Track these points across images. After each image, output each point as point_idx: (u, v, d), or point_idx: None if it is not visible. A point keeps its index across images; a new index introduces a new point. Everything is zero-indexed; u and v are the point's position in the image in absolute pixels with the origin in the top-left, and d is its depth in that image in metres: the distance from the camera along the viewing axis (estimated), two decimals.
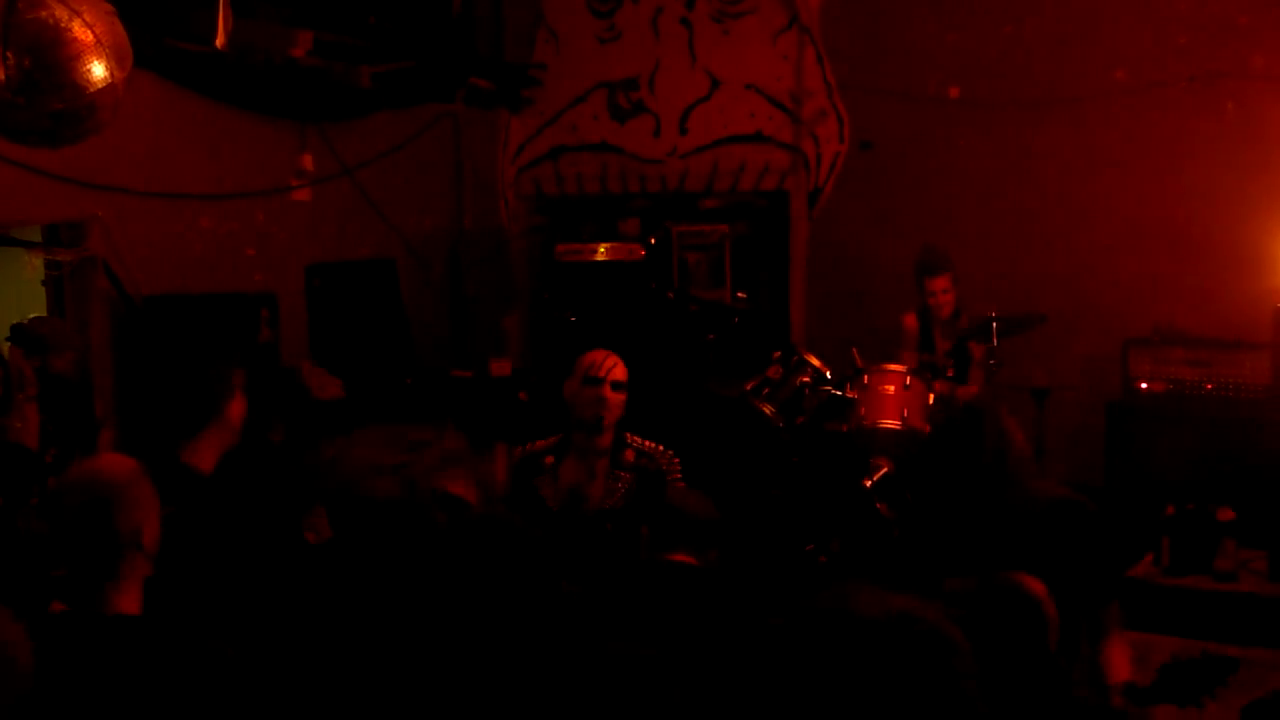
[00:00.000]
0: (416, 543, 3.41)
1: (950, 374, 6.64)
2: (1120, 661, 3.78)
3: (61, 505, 2.90)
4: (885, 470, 3.73)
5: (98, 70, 3.74)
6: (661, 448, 4.54)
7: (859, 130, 8.27)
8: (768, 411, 6.04)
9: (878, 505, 3.73)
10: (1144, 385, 6.98)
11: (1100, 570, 3.86)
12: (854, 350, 6.33)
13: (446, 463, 3.80)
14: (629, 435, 4.52)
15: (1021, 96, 7.63)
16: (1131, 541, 5.71)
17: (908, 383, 6.07)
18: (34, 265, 6.34)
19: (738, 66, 8.58)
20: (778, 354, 6.23)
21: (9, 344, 5.32)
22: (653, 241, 8.56)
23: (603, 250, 8.35)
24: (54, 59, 3.65)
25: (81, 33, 3.66)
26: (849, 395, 6.07)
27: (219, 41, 4.05)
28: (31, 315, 6.05)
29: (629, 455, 4.47)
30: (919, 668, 2.07)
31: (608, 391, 4.44)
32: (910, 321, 7.01)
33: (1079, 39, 7.49)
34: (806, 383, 6.03)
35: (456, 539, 3.18)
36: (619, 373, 4.52)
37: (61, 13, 3.65)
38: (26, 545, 4.68)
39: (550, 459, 4.52)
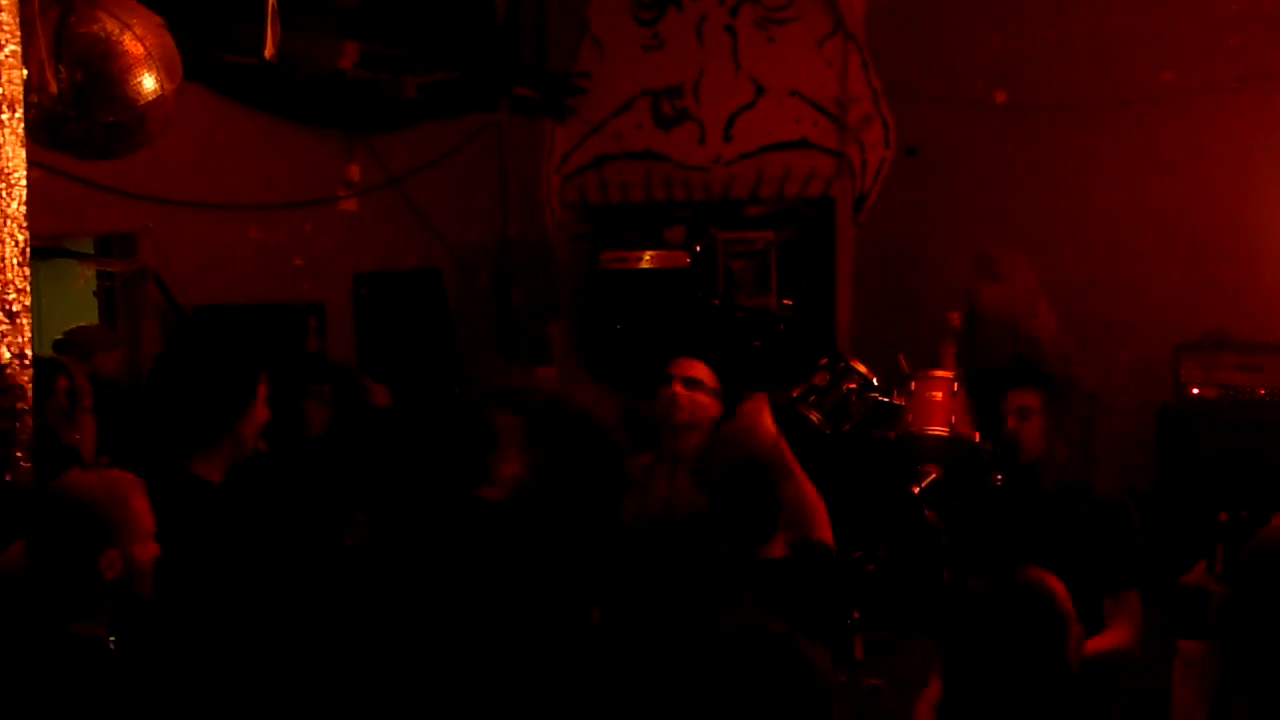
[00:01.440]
0: None
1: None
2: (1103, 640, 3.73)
3: (45, 519, 2.85)
4: (934, 477, 3.70)
5: (148, 83, 3.78)
6: None
7: (905, 136, 8.23)
8: (814, 419, 5.99)
9: (926, 512, 3.71)
10: (1195, 390, 6.90)
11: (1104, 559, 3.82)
12: (900, 356, 6.29)
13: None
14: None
15: (1068, 100, 7.57)
16: (1182, 548, 5.64)
17: (955, 389, 6.02)
18: (86, 276, 6.42)
19: (782, 73, 8.56)
20: (824, 361, 6.18)
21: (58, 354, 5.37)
22: (698, 249, 8.55)
23: (647, 258, 8.35)
24: (105, 72, 3.69)
25: (132, 45, 3.70)
26: (896, 402, 6.02)
27: (268, 53, 4.08)
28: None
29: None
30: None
31: (678, 388, 4.36)
32: (955, 319, 6.95)
33: (1127, 41, 7.43)
34: (853, 389, 5.98)
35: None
36: (694, 370, 4.43)
37: (113, 26, 3.69)
38: None
39: (645, 460, 4.41)
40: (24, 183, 3.41)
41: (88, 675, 2.71)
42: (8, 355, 3.39)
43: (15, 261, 3.40)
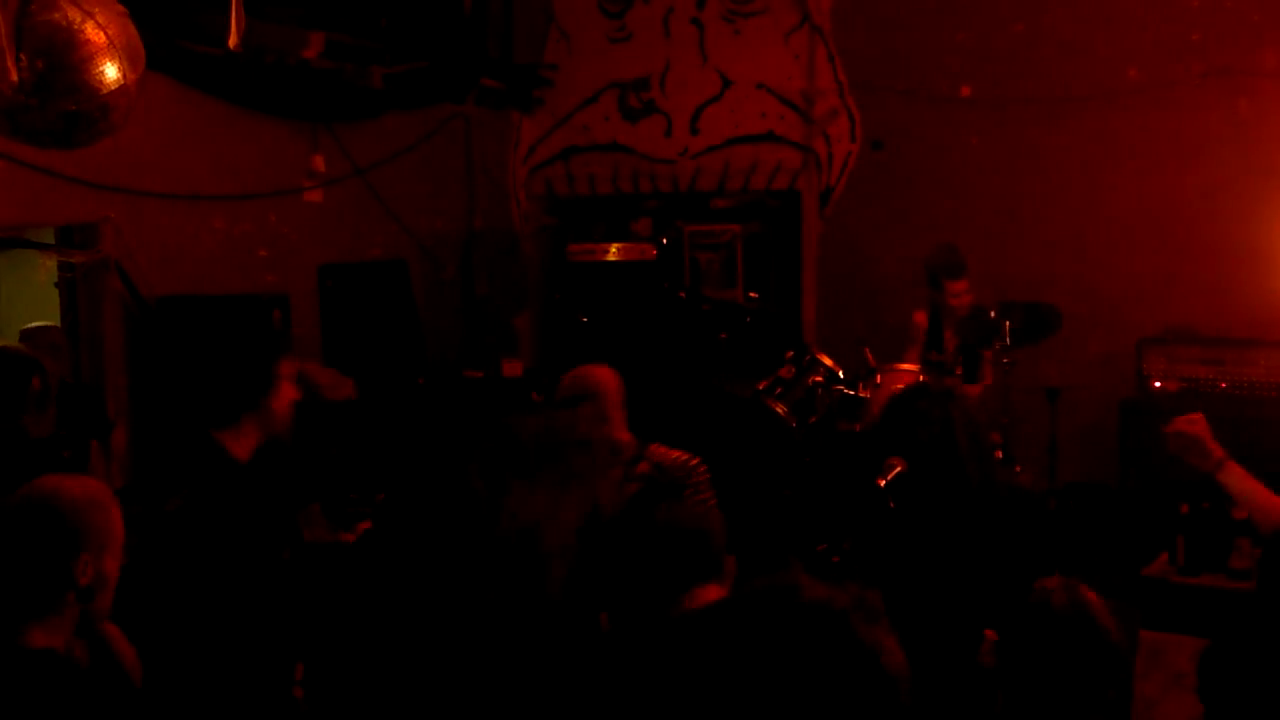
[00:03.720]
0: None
1: (959, 372, 6.63)
2: None
3: (22, 517, 2.76)
4: (899, 470, 3.71)
5: (111, 72, 3.74)
6: (686, 459, 4.40)
7: (871, 129, 8.26)
8: (780, 411, 6.02)
9: (891, 504, 3.73)
10: (1158, 384, 6.95)
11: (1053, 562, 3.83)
12: (866, 350, 6.32)
13: None
14: (653, 446, 4.42)
15: (1033, 95, 7.61)
16: (1145, 540, 5.69)
17: (920, 380, 6.06)
18: (47, 267, 6.36)
19: (749, 66, 8.57)
20: (790, 353, 6.21)
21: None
22: (664, 241, 8.56)
23: (614, 250, 8.34)
24: (67, 60, 3.65)
25: (94, 34, 3.66)
26: (862, 395, 6.06)
27: (232, 42, 4.04)
28: (39, 320, 6.10)
29: (643, 467, 4.35)
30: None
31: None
32: (921, 319, 7.01)
33: (1091, 37, 7.47)
34: (819, 382, 6.01)
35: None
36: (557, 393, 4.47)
37: (74, 14, 3.65)
38: None
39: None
40: None
41: (44, 691, 2.65)
42: None
43: None
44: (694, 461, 4.42)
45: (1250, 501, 3.37)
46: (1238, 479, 3.43)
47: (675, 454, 4.42)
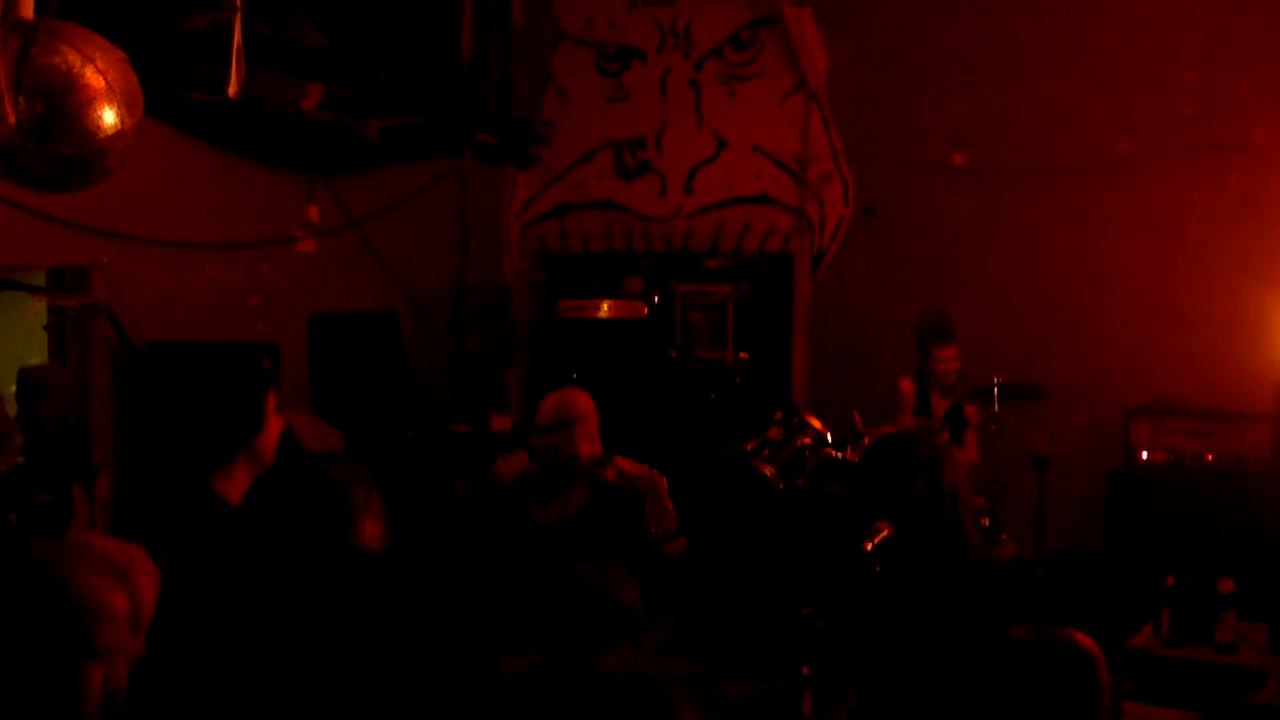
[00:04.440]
0: None
1: (945, 438, 6.62)
2: None
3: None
4: (885, 533, 3.69)
5: (108, 117, 3.75)
6: (649, 471, 4.75)
7: (864, 194, 8.30)
8: (768, 473, 6.01)
9: (877, 568, 3.71)
10: (1145, 455, 6.95)
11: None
12: (855, 413, 6.32)
13: None
14: (617, 458, 4.66)
15: (1026, 164, 7.66)
16: (1131, 611, 5.67)
17: None
18: (37, 310, 6.36)
19: (744, 128, 8.63)
20: (779, 415, 6.21)
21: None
22: (656, 300, 8.58)
23: (606, 308, 8.36)
24: (65, 104, 3.66)
25: (94, 79, 3.67)
26: (849, 458, 6.05)
27: (231, 91, 4.06)
28: (34, 360, 6.08)
29: (609, 473, 4.67)
30: None
31: (534, 439, 4.77)
32: (907, 385, 7.01)
33: (1084, 108, 7.54)
34: (807, 444, 6.01)
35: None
36: (538, 418, 4.77)
37: (74, 58, 3.66)
38: None
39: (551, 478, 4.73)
40: None
41: None
42: None
43: None
44: (655, 474, 4.67)
45: None
46: None
47: (639, 467, 4.78)
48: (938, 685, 3.42)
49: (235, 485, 3.59)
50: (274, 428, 3.71)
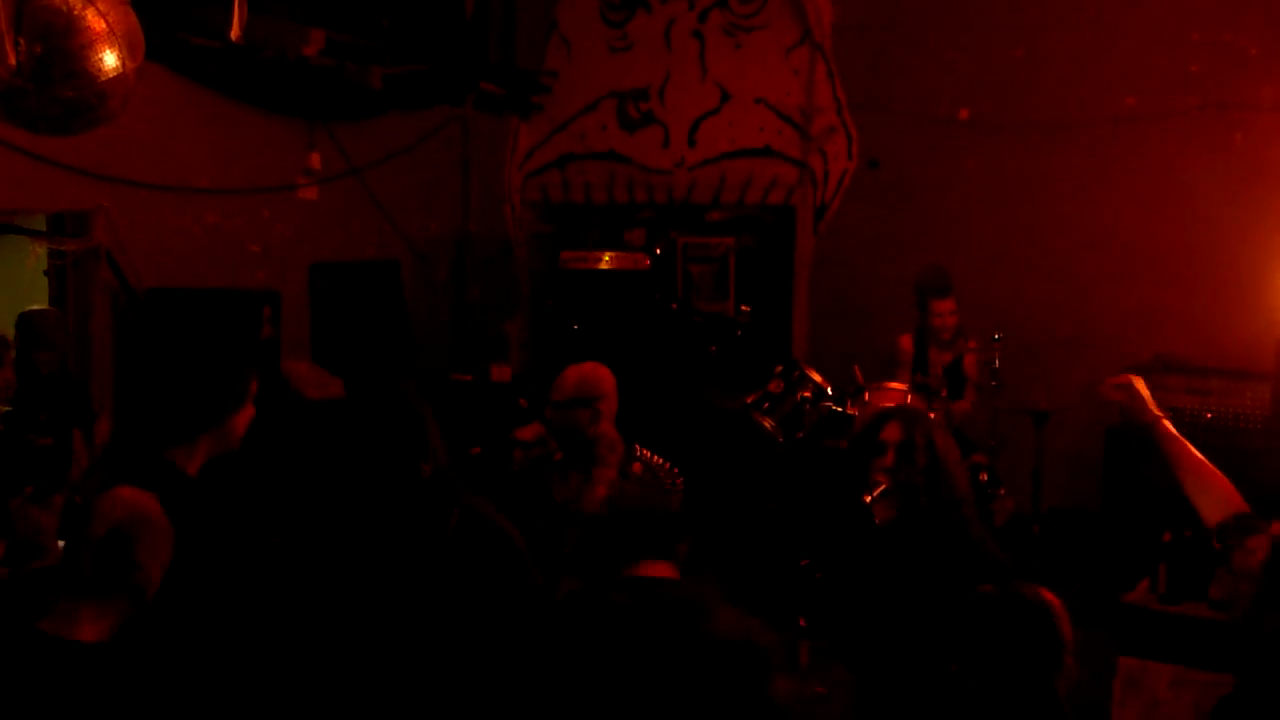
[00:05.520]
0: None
1: (944, 394, 6.63)
2: None
3: (88, 529, 2.86)
4: (885, 486, 3.70)
5: (109, 59, 3.73)
6: (669, 464, 4.54)
7: (867, 148, 8.27)
8: (768, 425, 6.03)
9: (876, 520, 3.73)
10: None
11: None
12: (855, 367, 6.33)
13: None
14: (638, 447, 4.55)
15: (1031, 120, 7.63)
16: (1127, 566, 5.69)
17: (909, 401, 6.07)
18: (37, 254, 6.34)
19: (748, 80, 8.58)
20: (779, 368, 6.22)
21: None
22: (658, 252, 8.56)
23: (607, 259, 8.34)
24: (66, 46, 3.64)
25: (94, 21, 3.65)
26: (849, 411, 6.06)
27: (233, 34, 4.03)
28: (35, 305, 6.08)
29: (636, 467, 4.48)
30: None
31: (549, 413, 4.57)
32: (906, 342, 7.03)
33: (1091, 64, 7.49)
34: (807, 398, 6.02)
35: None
36: (558, 393, 4.56)
37: (75, 1, 3.64)
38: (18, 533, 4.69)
39: (560, 455, 4.59)
40: None
41: (65, 678, 2.69)
42: None
43: None
44: (674, 468, 4.59)
45: (1181, 458, 3.47)
46: (1172, 437, 3.53)
47: (658, 458, 4.59)
48: (914, 639, 3.45)
49: (194, 460, 3.54)
50: (246, 415, 3.64)
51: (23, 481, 4.84)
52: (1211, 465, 3.47)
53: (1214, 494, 3.38)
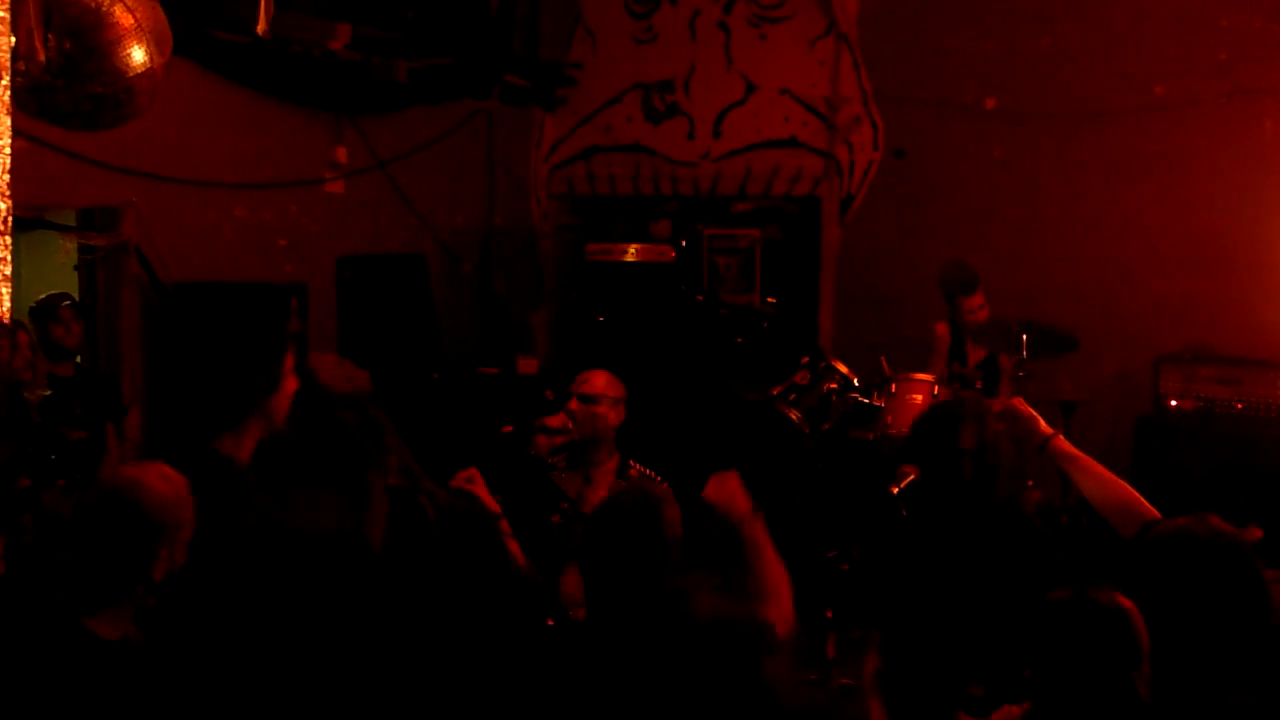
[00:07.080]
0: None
1: (979, 385, 6.60)
2: None
3: (95, 515, 2.86)
4: (912, 478, 3.70)
5: (138, 55, 3.75)
6: (657, 477, 4.67)
7: (893, 138, 8.24)
8: (794, 417, 6.01)
9: (903, 512, 3.72)
10: (1174, 402, 6.92)
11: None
12: (882, 358, 6.30)
13: None
14: (631, 461, 4.62)
15: (1057, 109, 7.59)
16: None
17: (935, 392, 6.04)
18: (67, 249, 6.38)
19: (774, 71, 8.56)
20: (806, 359, 6.20)
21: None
22: (683, 244, 8.55)
23: (633, 251, 8.34)
24: (95, 42, 3.66)
25: (123, 17, 3.67)
26: (876, 403, 6.04)
27: (260, 29, 4.05)
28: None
29: (633, 473, 4.64)
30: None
31: (574, 405, 4.67)
32: (942, 330, 6.98)
33: (1118, 52, 7.45)
34: (834, 389, 6.00)
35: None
36: (587, 387, 4.68)
37: None
38: (50, 527, 4.72)
39: (561, 459, 4.71)
40: (8, 151, 3.38)
41: (106, 675, 2.69)
42: None
43: None
44: (663, 480, 4.66)
45: (1083, 475, 3.43)
46: (1069, 455, 3.54)
47: (648, 470, 4.77)
48: (965, 635, 3.42)
49: (244, 446, 3.56)
50: (288, 388, 3.67)
51: (56, 474, 4.88)
52: (1113, 475, 3.42)
53: (1122, 506, 3.34)
